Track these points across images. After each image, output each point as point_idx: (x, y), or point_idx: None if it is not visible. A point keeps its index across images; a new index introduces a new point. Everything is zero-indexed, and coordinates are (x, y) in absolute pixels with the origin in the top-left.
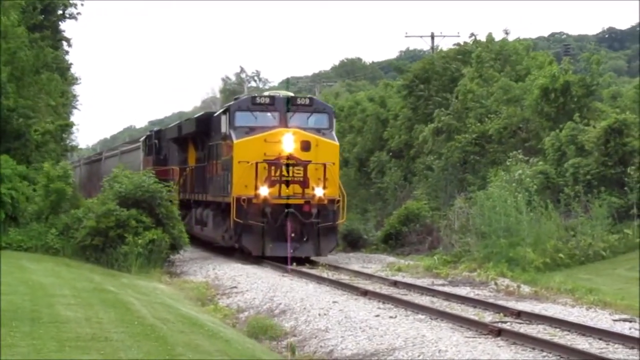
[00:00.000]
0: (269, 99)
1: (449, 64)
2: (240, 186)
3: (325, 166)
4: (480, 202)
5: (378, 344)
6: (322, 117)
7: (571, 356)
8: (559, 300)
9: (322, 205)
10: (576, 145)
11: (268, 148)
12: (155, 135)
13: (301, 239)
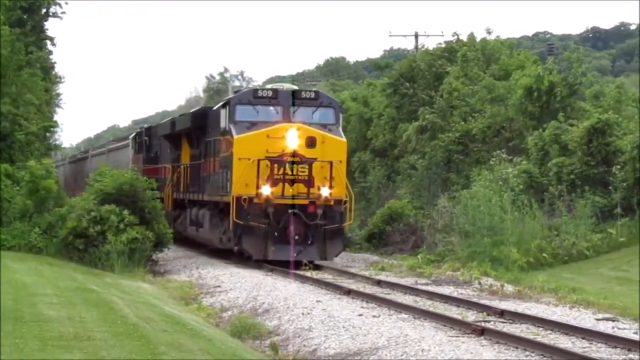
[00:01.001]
0: (272, 92)
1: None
2: (240, 185)
3: (332, 164)
4: (464, 201)
5: (361, 343)
6: (328, 112)
7: (554, 355)
8: (542, 300)
9: (328, 206)
10: (560, 145)
11: (271, 144)
12: (146, 132)
13: (305, 242)
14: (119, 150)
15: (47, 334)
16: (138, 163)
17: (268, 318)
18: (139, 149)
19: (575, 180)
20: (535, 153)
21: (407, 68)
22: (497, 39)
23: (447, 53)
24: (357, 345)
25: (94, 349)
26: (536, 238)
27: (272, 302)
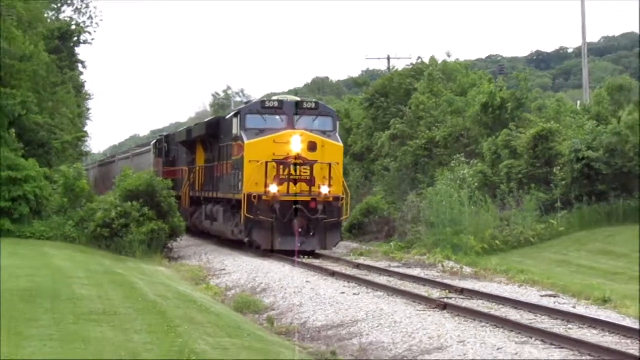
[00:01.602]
0: (278, 102)
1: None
2: (251, 184)
3: (331, 166)
4: (430, 197)
5: (344, 317)
6: (327, 120)
7: (505, 326)
8: (495, 279)
9: (327, 202)
10: (510, 149)
11: (277, 148)
12: (165, 139)
13: (308, 234)
14: (142, 155)
15: (80, 310)
16: (158, 166)
17: (265, 296)
18: (159, 154)
19: (522, 179)
20: (489, 156)
21: (381, 86)
22: (456, 61)
23: (415, 73)
24: (340, 318)
25: (119, 323)
26: (490, 228)
27: (268, 282)
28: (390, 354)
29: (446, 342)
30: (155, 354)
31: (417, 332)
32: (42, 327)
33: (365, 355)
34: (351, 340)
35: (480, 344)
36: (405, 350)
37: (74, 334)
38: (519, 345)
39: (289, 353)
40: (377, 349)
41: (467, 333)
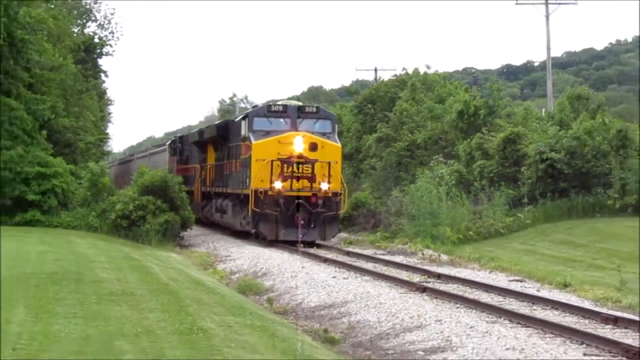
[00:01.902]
0: (282, 107)
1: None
2: (257, 180)
3: (330, 164)
4: (411, 193)
5: (334, 298)
6: (327, 123)
7: (477, 307)
8: (469, 266)
9: (326, 197)
10: (482, 151)
11: (281, 148)
12: (179, 140)
13: (309, 226)
14: (158, 154)
15: (101, 291)
16: (173, 164)
17: (265, 279)
18: (174, 153)
19: (493, 177)
20: (463, 157)
21: (369, 94)
22: (435, 72)
23: (398, 83)
24: (331, 299)
25: (136, 302)
26: (464, 220)
27: (268, 267)
28: (375, 331)
29: (425, 321)
30: (168, 330)
31: (399, 312)
32: (68, 306)
33: (353, 332)
34: (341, 319)
35: (455, 323)
36: (389, 328)
37: (96, 312)
38: (489, 324)
39: (286, 330)
40: (364, 326)
41: (444, 313)
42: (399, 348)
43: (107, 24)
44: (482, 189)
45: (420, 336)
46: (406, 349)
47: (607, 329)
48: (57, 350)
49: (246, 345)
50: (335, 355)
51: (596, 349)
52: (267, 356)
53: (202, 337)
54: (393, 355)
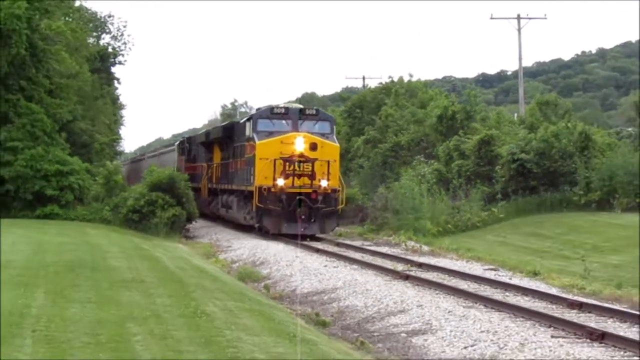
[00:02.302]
0: (284, 109)
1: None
2: (261, 178)
3: (329, 163)
4: (395, 190)
5: (326, 285)
6: (326, 124)
7: (455, 293)
8: (447, 256)
9: (326, 193)
10: (459, 152)
11: (284, 148)
12: (187, 140)
13: (309, 220)
14: (167, 153)
15: (114, 278)
16: (181, 162)
17: (263, 268)
18: (182, 152)
19: (470, 176)
20: (443, 157)
21: (357, 100)
22: (417, 80)
23: (384, 90)
24: (322, 286)
25: (145, 289)
26: (444, 214)
27: (265, 257)
28: (362, 315)
29: (408, 306)
30: (174, 313)
31: (384, 297)
32: (83, 291)
33: (342, 315)
34: (331, 304)
35: (435, 308)
36: (374, 312)
37: (108, 298)
38: (466, 309)
39: (282, 314)
40: (352, 311)
41: (425, 299)
42: (383, 330)
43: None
44: (459, 186)
45: (403, 320)
46: (390, 332)
47: (573, 313)
48: (72, 332)
49: (245, 327)
50: (326, 337)
51: (563, 332)
52: (265, 338)
53: (205, 320)
54: (378, 337)
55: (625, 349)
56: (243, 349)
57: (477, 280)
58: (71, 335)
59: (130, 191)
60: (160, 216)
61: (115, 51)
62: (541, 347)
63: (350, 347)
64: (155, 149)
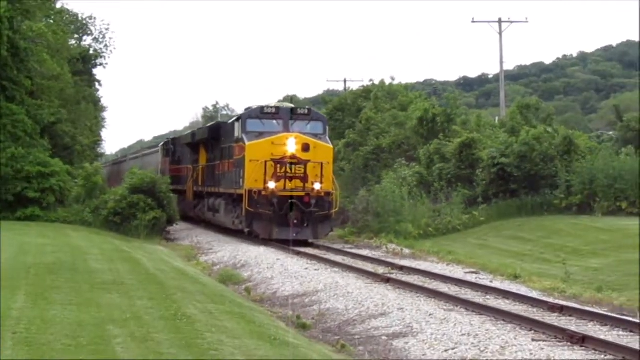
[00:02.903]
0: (275, 109)
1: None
2: (251, 180)
3: (322, 164)
4: (377, 192)
5: (307, 288)
6: (318, 125)
7: (436, 296)
8: (428, 259)
9: (319, 197)
10: (439, 155)
11: (275, 149)
12: (172, 141)
13: (302, 225)
14: (150, 155)
15: (94, 280)
16: (165, 164)
17: (244, 270)
18: (166, 154)
19: (451, 179)
20: (424, 160)
21: (338, 103)
22: (398, 84)
23: (364, 93)
24: (304, 288)
25: (126, 291)
26: (425, 217)
27: (246, 260)
28: (343, 318)
29: (388, 309)
30: (154, 316)
31: (365, 300)
32: (63, 293)
33: (323, 318)
34: (312, 306)
35: (416, 311)
36: (355, 315)
37: (89, 300)
38: (447, 312)
39: (262, 316)
40: (333, 314)
41: (406, 302)
42: (364, 333)
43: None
44: (441, 189)
45: (384, 323)
46: (371, 334)
47: (554, 316)
48: (53, 334)
49: (226, 330)
50: (306, 340)
51: (544, 335)
52: (245, 340)
53: (186, 322)
54: (359, 339)
55: (605, 352)
56: (224, 351)
57: (458, 283)
58: (52, 337)
59: (110, 193)
60: (141, 218)
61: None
62: (522, 350)
63: (331, 350)
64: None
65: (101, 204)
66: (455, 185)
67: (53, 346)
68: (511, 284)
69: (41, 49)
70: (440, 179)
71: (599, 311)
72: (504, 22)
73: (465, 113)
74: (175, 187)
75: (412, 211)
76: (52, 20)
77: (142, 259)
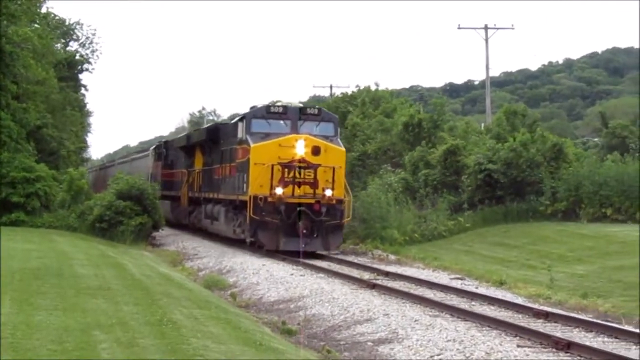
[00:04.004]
0: (282, 108)
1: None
2: (256, 186)
3: (334, 169)
4: (363, 198)
5: (292, 293)
6: (329, 126)
7: (421, 302)
8: (414, 265)
9: (330, 204)
10: (424, 161)
11: (282, 152)
12: (164, 144)
13: (311, 235)
14: (140, 159)
15: (80, 285)
16: (157, 169)
17: (229, 276)
18: (159, 158)
19: (436, 185)
20: (409, 167)
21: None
22: (384, 90)
23: (349, 99)
24: (289, 294)
25: (111, 296)
26: (410, 223)
27: (232, 265)
28: (329, 323)
29: (374, 314)
30: (140, 321)
31: (351, 306)
32: (49, 299)
33: (309, 324)
34: (298, 312)
35: (401, 317)
36: (341, 320)
37: (74, 305)
38: (432, 318)
39: (248, 322)
40: (319, 319)
41: (391, 307)
42: (350, 339)
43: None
44: (426, 196)
45: (370, 328)
46: (357, 340)
47: (539, 323)
48: (38, 340)
49: (211, 335)
50: (292, 346)
51: (529, 341)
52: (231, 346)
53: (172, 328)
54: (345, 345)
55: (591, 359)
56: (209, 357)
57: (443, 289)
58: (37, 342)
59: (96, 198)
60: (127, 224)
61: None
62: (507, 356)
63: (317, 356)
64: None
65: (87, 209)
66: (441, 192)
67: (38, 351)
68: (497, 290)
69: (27, 54)
70: (425, 185)
71: (584, 317)
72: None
73: (451, 119)
74: (168, 193)
75: (397, 217)
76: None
77: (128, 265)
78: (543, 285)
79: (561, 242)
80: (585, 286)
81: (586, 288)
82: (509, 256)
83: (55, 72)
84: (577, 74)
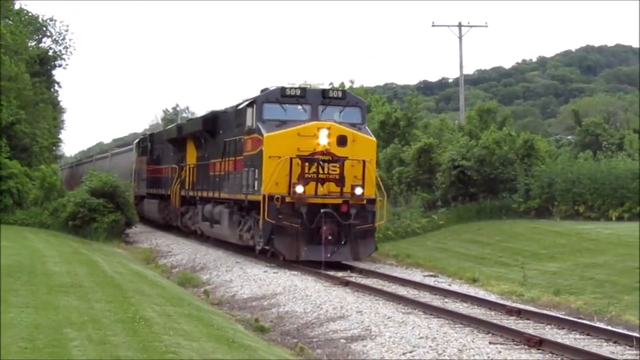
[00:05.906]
0: (300, 90)
1: None
2: (271, 183)
3: (364, 163)
4: None
5: (265, 291)
6: (355, 111)
7: (394, 299)
8: (387, 262)
9: (360, 205)
10: (397, 159)
11: (302, 142)
12: (149, 138)
13: (338, 242)
14: (122, 154)
15: (52, 283)
16: (141, 164)
17: (203, 273)
18: (143, 153)
19: (410, 183)
20: (383, 164)
21: None
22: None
23: None
24: (262, 291)
25: (84, 293)
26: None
27: (205, 262)
28: (302, 320)
29: (347, 312)
30: (112, 318)
31: (324, 303)
32: (21, 296)
33: (282, 321)
34: (271, 309)
35: (375, 314)
36: (314, 318)
37: (46, 303)
38: (405, 315)
39: (221, 319)
40: (292, 316)
41: (364, 305)
42: (323, 336)
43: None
44: (400, 193)
45: (343, 325)
46: (330, 337)
47: (511, 320)
48: (10, 337)
49: (184, 333)
50: (265, 343)
51: (501, 338)
52: (203, 343)
53: (144, 325)
54: (318, 342)
55: (562, 356)
56: (182, 354)
57: (416, 286)
58: (9, 340)
59: (69, 196)
60: (100, 221)
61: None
62: (479, 353)
63: (290, 353)
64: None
65: (59, 206)
66: (415, 189)
67: (9, 349)
68: (469, 287)
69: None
70: (399, 183)
71: (556, 314)
72: (464, 26)
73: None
74: (156, 191)
75: None
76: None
77: (100, 262)
78: (516, 282)
79: (534, 239)
80: (558, 283)
81: (558, 285)
82: (482, 253)
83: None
84: (551, 72)
